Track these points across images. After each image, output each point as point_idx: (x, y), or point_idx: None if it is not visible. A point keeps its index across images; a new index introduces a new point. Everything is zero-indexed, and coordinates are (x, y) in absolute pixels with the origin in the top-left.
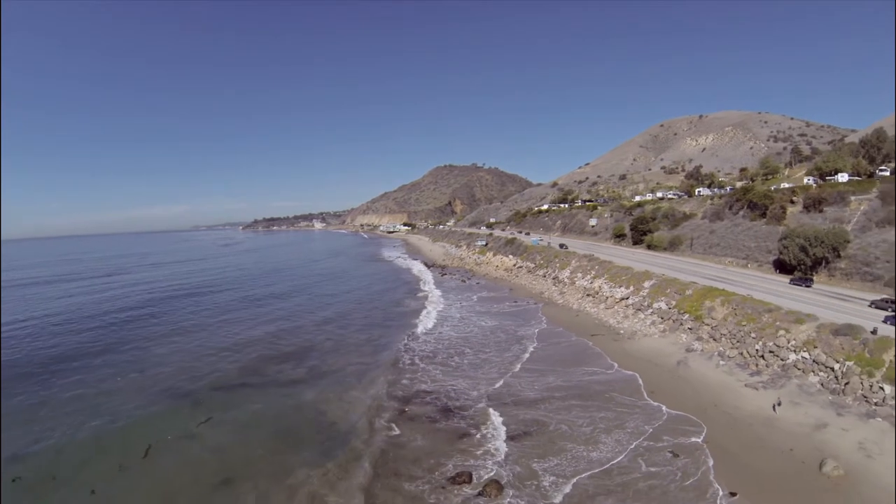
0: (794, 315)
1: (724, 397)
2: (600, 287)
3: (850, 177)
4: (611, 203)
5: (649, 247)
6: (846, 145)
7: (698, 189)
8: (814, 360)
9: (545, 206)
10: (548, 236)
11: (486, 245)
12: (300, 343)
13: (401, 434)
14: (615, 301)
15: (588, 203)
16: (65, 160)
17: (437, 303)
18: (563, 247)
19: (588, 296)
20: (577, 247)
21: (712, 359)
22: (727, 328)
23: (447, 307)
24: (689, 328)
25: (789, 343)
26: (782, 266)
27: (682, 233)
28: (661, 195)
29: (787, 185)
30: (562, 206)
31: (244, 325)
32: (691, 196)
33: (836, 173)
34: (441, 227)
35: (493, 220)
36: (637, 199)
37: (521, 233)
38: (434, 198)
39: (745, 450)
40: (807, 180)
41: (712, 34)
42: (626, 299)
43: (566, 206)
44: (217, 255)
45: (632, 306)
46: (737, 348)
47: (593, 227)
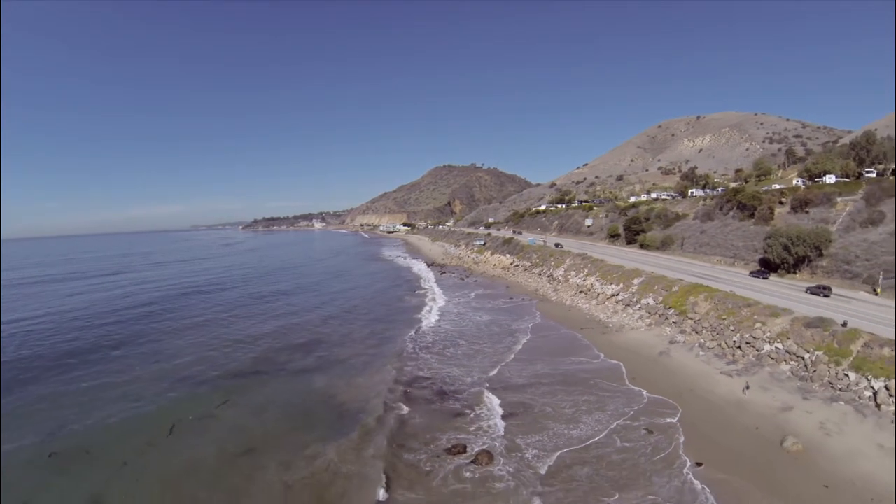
0: (771, 309)
1: (701, 383)
2: (592, 284)
3: (838, 178)
4: (606, 203)
5: (642, 246)
6: (837, 147)
7: (692, 190)
8: (786, 350)
9: (543, 207)
10: (544, 236)
11: (485, 244)
12: (308, 336)
13: (406, 413)
14: (606, 297)
15: (584, 203)
16: (64, 160)
17: (437, 299)
18: (558, 246)
19: (581, 292)
20: (572, 246)
21: (693, 349)
22: (709, 322)
23: (446, 303)
24: (673, 322)
25: (765, 335)
26: (767, 264)
27: (673, 232)
28: (655, 196)
29: (777, 187)
30: (559, 206)
31: (254, 320)
32: (685, 197)
33: (825, 175)
34: (440, 227)
35: (491, 220)
36: (632, 199)
37: (519, 233)
38: (433, 198)
39: (714, 428)
40: (796, 182)
41: (712, 34)
42: (617, 295)
43: (563, 206)
44: (220, 255)
45: (621, 302)
46: (716, 340)
47: (589, 227)
